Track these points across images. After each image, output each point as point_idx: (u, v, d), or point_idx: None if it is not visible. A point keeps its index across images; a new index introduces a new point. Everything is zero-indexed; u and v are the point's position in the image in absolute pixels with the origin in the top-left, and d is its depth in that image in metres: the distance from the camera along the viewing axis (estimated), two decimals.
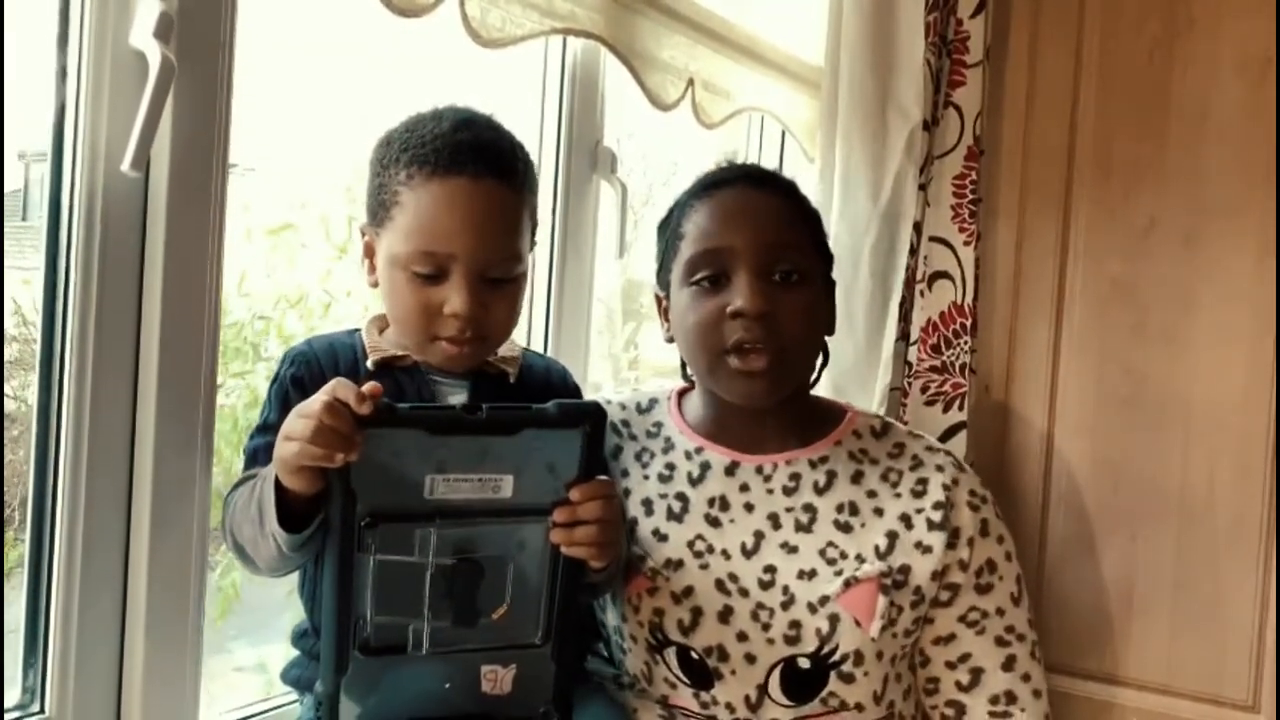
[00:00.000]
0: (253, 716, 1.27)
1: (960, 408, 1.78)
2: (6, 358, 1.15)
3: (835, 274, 1.29)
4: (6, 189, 1.11)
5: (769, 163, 2.05)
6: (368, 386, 0.91)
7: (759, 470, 1.25)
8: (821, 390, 1.31)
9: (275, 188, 1.65)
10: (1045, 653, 1.29)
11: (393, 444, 0.92)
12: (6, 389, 1.17)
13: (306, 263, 1.69)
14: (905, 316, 1.76)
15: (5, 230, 1.08)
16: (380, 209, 1.08)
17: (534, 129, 1.61)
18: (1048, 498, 1.84)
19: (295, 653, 1.12)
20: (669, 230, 1.27)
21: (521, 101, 1.59)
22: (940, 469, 1.25)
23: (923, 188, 1.75)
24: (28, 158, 1.26)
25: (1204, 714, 1.72)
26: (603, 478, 1.03)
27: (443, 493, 0.94)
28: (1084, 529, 1.81)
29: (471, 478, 0.95)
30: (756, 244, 1.19)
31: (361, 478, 0.92)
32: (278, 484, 0.93)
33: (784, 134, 2.03)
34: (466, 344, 1.07)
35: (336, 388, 0.91)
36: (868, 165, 1.76)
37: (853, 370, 1.75)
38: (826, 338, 1.28)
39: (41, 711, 1.07)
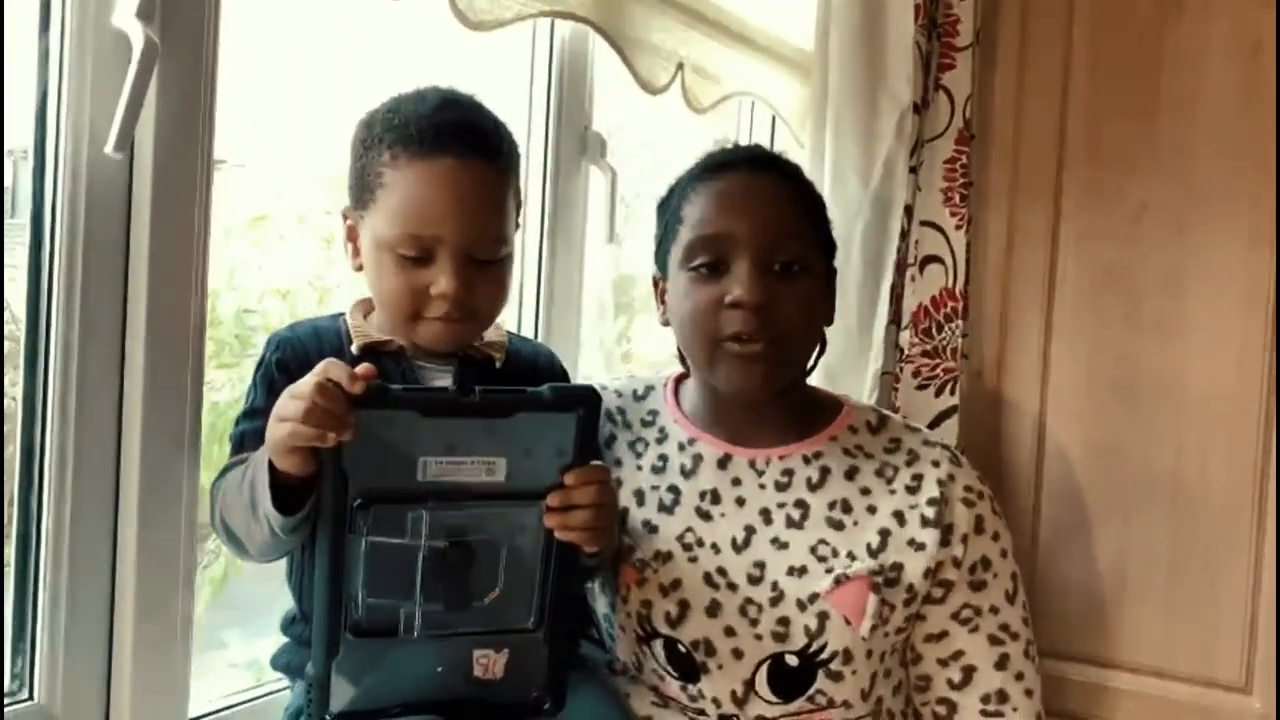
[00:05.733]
0: (243, 704, 1.27)
1: (952, 392, 1.78)
2: None
3: None
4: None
5: None
6: (360, 368, 0.91)
7: (752, 464, 1.24)
8: (814, 376, 1.30)
9: (259, 178, 1.63)
10: (1039, 637, 1.29)
11: (385, 426, 0.92)
12: None
13: (289, 256, 1.67)
14: (896, 301, 1.76)
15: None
16: (364, 191, 1.07)
17: (522, 113, 1.59)
18: (1040, 482, 1.83)
19: (285, 639, 1.12)
20: (669, 211, 1.25)
21: (509, 85, 1.58)
22: (936, 464, 1.23)
23: (913, 171, 1.75)
24: (15, 155, 1.25)
25: (1197, 696, 1.72)
26: (597, 463, 1.02)
27: (435, 475, 0.94)
28: (1077, 513, 1.80)
29: (465, 461, 0.95)
30: (757, 232, 1.17)
31: (354, 459, 0.92)
32: (271, 466, 0.93)
33: (774, 119, 2.02)
34: (456, 322, 1.07)
35: (329, 368, 0.90)
36: (858, 149, 1.75)
37: (844, 355, 1.74)
38: (825, 328, 1.26)
39: (31, 698, 1.06)
